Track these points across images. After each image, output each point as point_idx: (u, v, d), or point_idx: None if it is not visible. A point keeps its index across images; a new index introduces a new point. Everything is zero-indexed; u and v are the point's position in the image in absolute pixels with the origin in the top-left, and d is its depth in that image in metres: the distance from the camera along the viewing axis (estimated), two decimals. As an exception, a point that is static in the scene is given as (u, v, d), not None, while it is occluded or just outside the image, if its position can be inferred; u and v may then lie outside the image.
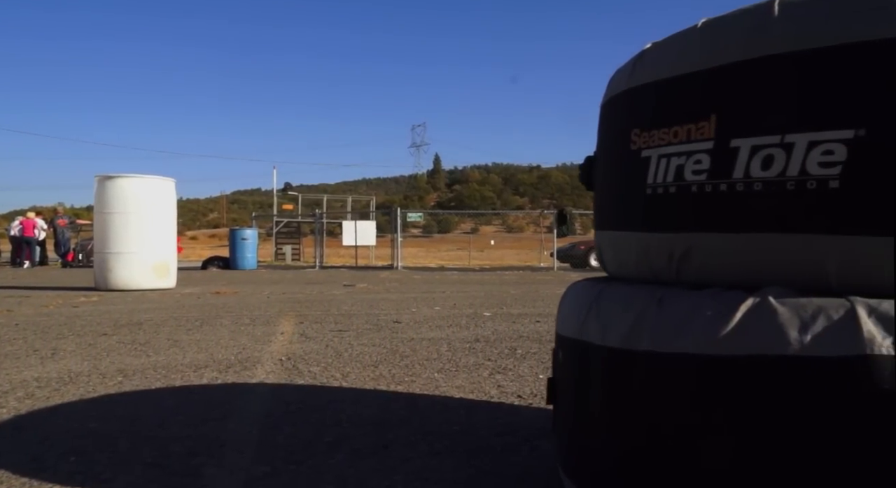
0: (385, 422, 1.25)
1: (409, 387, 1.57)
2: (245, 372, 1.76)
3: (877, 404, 0.53)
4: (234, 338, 2.46)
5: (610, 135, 0.85)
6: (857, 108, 0.59)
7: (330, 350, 2.17)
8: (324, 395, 1.49)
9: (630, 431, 0.68)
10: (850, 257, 0.60)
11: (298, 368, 1.83)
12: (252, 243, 11.56)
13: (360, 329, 2.73)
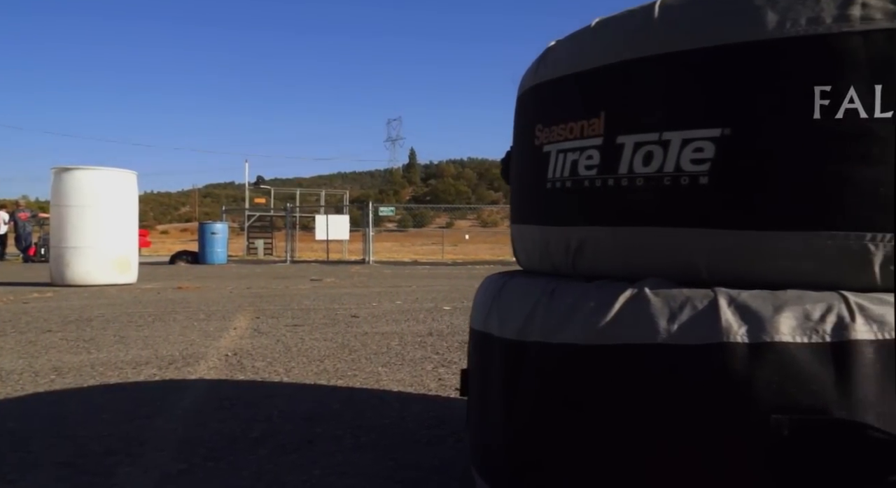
0: (317, 417, 1.25)
1: (349, 382, 1.57)
2: (186, 369, 1.74)
3: (732, 389, 0.55)
4: (184, 333, 2.42)
5: (519, 131, 0.86)
6: (724, 108, 0.61)
7: (280, 345, 2.15)
8: (261, 391, 1.48)
9: (522, 425, 0.70)
10: (719, 250, 0.62)
11: (242, 364, 1.81)
12: (222, 237, 11.36)
13: (316, 324, 2.71)
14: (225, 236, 11.56)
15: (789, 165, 0.59)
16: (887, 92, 0.56)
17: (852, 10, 0.56)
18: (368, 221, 11.15)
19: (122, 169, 5.80)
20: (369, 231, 11.12)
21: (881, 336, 0.54)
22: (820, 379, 0.54)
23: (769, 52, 0.59)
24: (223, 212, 14.77)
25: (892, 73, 0.56)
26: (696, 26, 0.63)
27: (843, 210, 0.57)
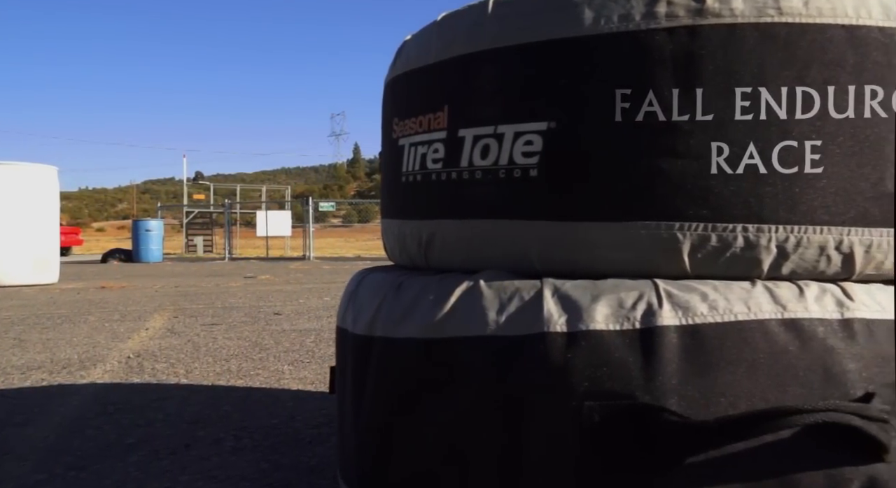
0: (203, 420, 1.21)
1: (250, 382, 1.53)
2: (79, 373, 1.64)
3: (551, 378, 0.57)
4: (90, 335, 2.30)
5: (383, 125, 0.85)
6: (549, 102, 0.62)
7: (189, 345, 2.07)
8: (153, 394, 1.42)
9: (368, 424, 0.69)
10: (548, 241, 0.63)
11: (143, 366, 1.73)
12: (157, 235, 10.87)
13: (235, 322, 2.63)
14: (160, 233, 11.06)
15: (606, 159, 0.60)
16: (690, 89, 0.58)
17: (658, 7, 0.58)
18: (309, 217, 10.94)
19: (40, 164, 5.45)
20: (310, 227, 10.91)
21: (685, 321, 0.56)
22: (629, 365, 0.55)
23: (586, 49, 0.60)
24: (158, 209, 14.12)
25: (696, 70, 0.58)
26: (523, 22, 0.63)
27: (654, 201, 0.59)
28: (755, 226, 0.58)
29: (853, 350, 0.56)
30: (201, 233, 16.24)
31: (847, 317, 0.57)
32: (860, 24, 0.57)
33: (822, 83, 0.57)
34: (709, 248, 0.59)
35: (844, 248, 0.59)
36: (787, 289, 0.59)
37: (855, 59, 0.57)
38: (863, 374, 0.56)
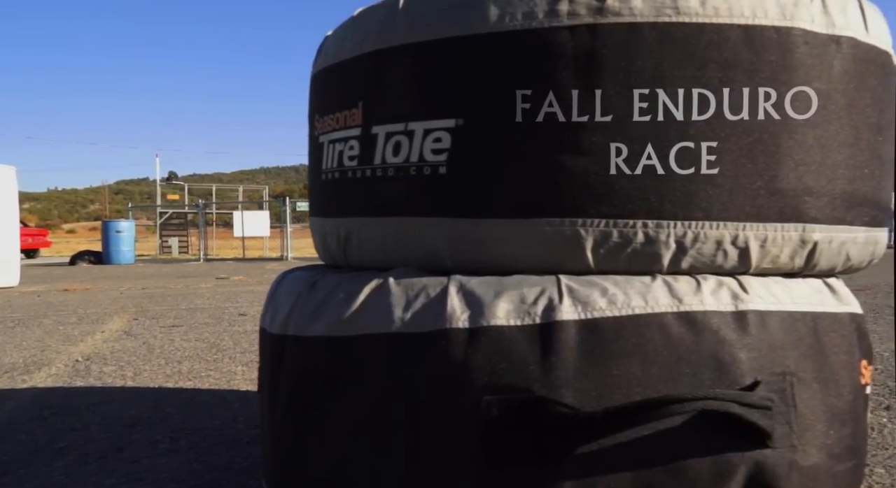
0: (142, 422, 1.18)
1: (199, 383, 1.50)
2: (22, 377, 1.60)
3: (453, 374, 0.57)
4: (42, 339, 2.24)
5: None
6: (457, 99, 0.62)
7: (144, 347, 2.03)
8: (94, 397, 1.38)
9: (281, 425, 0.68)
10: (457, 238, 0.63)
11: (90, 369, 1.69)
12: (128, 236, 10.65)
13: (197, 323, 2.59)
14: (131, 235, 10.85)
15: (509, 158, 0.61)
16: (590, 90, 0.58)
17: (561, 5, 0.59)
18: (286, 217, 10.83)
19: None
20: (287, 227, 10.80)
21: (584, 316, 0.57)
22: (527, 360, 0.56)
23: (491, 46, 0.61)
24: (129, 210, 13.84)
25: (597, 70, 0.58)
26: (431, 17, 0.63)
27: (557, 199, 0.60)
28: (654, 222, 0.59)
29: (745, 340, 0.58)
30: (176, 234, 15.94)
31: (741, 309, 0.59)
32: (756, 24, 0.59)
33: (718, 84, 0.58)
34: (611, 244, 0.60)
35: (740, 243, 0.60)
36: (685, 283, 0.60)
37: (750, 60, 0.59)
38: (754, 364, 0.57)
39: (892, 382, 1.42)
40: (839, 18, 0.61)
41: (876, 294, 3.33)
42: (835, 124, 0.62)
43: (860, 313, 0.68)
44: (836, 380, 0.62)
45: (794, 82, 0.59)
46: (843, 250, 0.65)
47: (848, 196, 0.64)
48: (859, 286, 3.79)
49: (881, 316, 2.50)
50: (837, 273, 0.69)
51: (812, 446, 0.59)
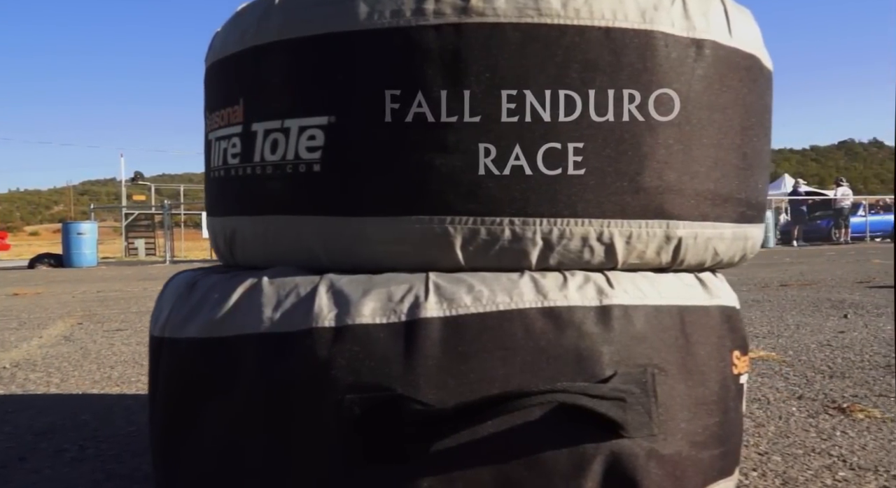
0: (54, 430, 1.15)
1: (126, 389, 1.47)
2: (-60, 386, 1.54)
3: (318, 373, 0.57)
4: (-26, 346, 2.15)
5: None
6: (329, 97, 0.62)
7: (79, 352, 1.98)
8: (11, 405, 1.34)
9: (159, 428, 0.67)
10: (331, 236, 0.63)
11: (14, 376, 1.63)
12: (90, 238, 10.33)
13: (143, 327, 2.53)
14: (94, 236, 10.53)
15: (380, 156, 0.61)
16: (458, 90, 0.59)
17: (427, 4, 0.59)
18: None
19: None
20: (257, 228, 10.60)
21: (449, 313, 0.58)
22: (391, 358, 0.56)
23: (360, 44, 0.61)
24: (91, 211, 13.44)
25: (464, 70, 0.59)
26: (304, 14, 0.63)
27: (427, 197, 0.60)
28: (521, 219, 0.60)
29: (608, 334, 0.59)
30: (143, 236, 15.53)
31: (605, 304, 0.60)
32: (617, 27, 0.60)
33: (583, 86, 0.59)
34: (479, 241, 0.61)
35: (605, 239, 0.62)
36: (552, 279, 0.61)
37: (612, 62, 0.60)
38: (615, 357, 0.59)
39: (810, 372, 1.48)
40: (700, 22, 0.63)
41: (819, 288, 3.45)
42: (697, 125, 0.64)
43: (733, 306, 0.71)
44: (702, 371, 0.64)
45: (656, 84, 0.61)
46: (709, 246, 0.67)
47: (713, 194, 0.66)
48: (810, 281, 3.91)
49: (819, 309, 2.59)
50: (709, 268, 0.71)
51: (674, 435, 0.60)
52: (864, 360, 1.58)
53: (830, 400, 1.23)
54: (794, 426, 1.08)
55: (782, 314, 2.46)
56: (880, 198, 19.73)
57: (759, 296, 3.11)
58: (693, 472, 0.62)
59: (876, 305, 2.64)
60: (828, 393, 1.29)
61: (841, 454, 0.94)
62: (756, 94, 0.70)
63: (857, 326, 2.12)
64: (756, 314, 2.47)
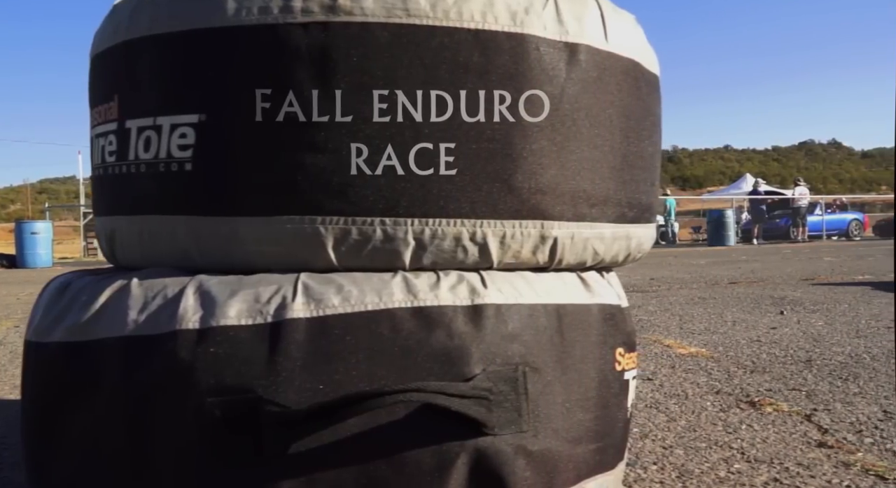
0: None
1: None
2: None
3: (180, 376, 0.56)
4: None
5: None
6: (200, 93, 0.61)
7: (8, 356, 1.90)
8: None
9: (28, 435, 0.65)
10: (204, 237, 0.62)
11: (-70, 382, 1.57)
12: (45, 237, 9.98)
13: (82, 330, 2.45)
14: (49, 236, 10.18)
15: (251, 155, 0.60)
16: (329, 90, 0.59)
17: (294, 1, 0.59)
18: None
19: None
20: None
21: (316, 313, 0.57)
22: (255, 360, 0.55)
23: (229, 40, 0.60)
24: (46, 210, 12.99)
25: (334, 70, 0.59)
26: (174, 8, 0.62)
27: (298, 197, 0.60)
28: (392, 219, 0.60)
29: (478, 333, 0.59)
30: (104, 235, 15.04)
31: (477, 303, 0.61)
32: (487, 29, 0.61)
33: (454, 87, 0.60)
34: (351, 242, 0.60)
35: (479, 239, 0.62)
36: (425, 279, 0.61)
37: (483, 63, 0.60)
38: (485, 355, 0.59)
39: (734, 368, 1.52)
40: (573, 26, 0.64)
41: (765, 286, 3.56)
42: (572, 127, 0.65)
43: (616, 304, 0.72)
44: (579, 369, 0.66)
45: (526, 86, 0.61)
46: (588, 245, 0.68)
47: (590, 195, 0.67)
48: (759, 278, 4.04)
49: (759, 306, 2.67)
50: (593, 267, 0.73)
51: (546, 431, 0.61)
52: (787, 356, 1.64)
53: (745, 395, 1.27)
54: (704, 420, 1.12)
55: (723, 311, 2.53)
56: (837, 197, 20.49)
57: (706, 293, 3.20)
58: (565, 468, 0.63)
59: (814, 302, 2.74)
60: (745, 387, 1.33)
61: (741, 447, 0.97)
62: (637, 97, 0.71)
63: (790, 323, 2.19)
64: (699, 311, 2.54)
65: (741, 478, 0.85)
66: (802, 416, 1.11)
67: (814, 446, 0.96)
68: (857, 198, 22.13)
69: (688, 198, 30.99)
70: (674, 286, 3.67)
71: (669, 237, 14.58)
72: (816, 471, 0.86)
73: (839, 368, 1.47)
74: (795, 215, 13.73)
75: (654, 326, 2.18)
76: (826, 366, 1.50)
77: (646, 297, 3.08)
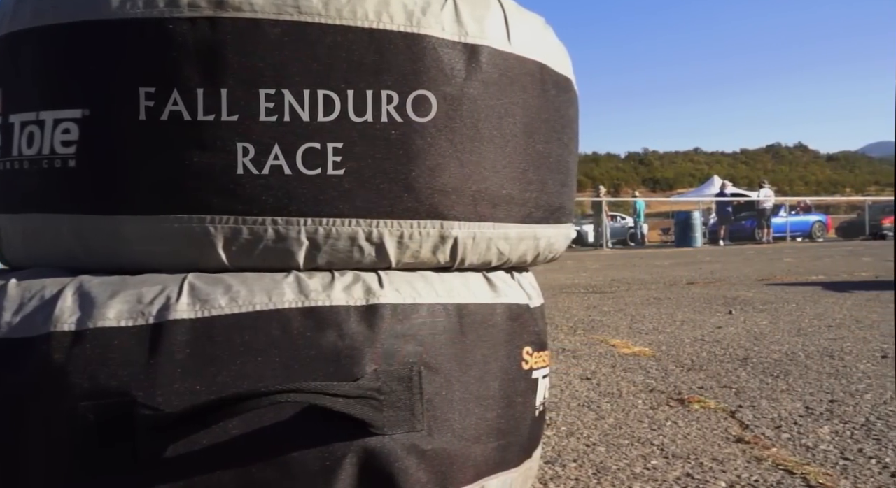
0: None
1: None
2: None
3: (54, 379, 0.54)
4: None
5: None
6: (83, 88, 0.59)
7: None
8: None
9: None
10: (90, 236, 0.61)
11: None
12: None
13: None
14: None
15: (136, 153, 0.58)
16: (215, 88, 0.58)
17: (181, -6, 0.57)
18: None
19: None
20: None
21: (201, 314, 0.56)
22: (134, 362, 0.54)
23: (113, 34, 0.58)
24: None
25: (221, 67, 0.58)
26: (57, 0, 0.60)
27: (186, 196, 0.58)
28: (284, 219, 0.59)
29: (372, 334, 0.59)
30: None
31: (372, 303, 0.60)
32: (382, 29, 0.60)
33: (343, 86, 0.59)
34: (242, 241, 0.59)
35: (375, 239, 0.62)
36: (319, 279, 0.61)
37: (376, 63, 0.60)
38: (379, 356, 0.59)
39: (672, 366, 1.55)
40: (473, 27, 0.64)
41: (721, 286, 3.65)
42: (472, 128, 0.65)
43: (525, 304, 0.73)
44: (482, 367, 0.66)
45: (417, 86, 0.61)
46: (491, 245, 0.69)
47: (492, 195, 0.67)
48: (716, 279, 4.14)
49: (710, 306, 2.73)
50: (502, 267, 0.73)
51: (442, 430, 0.61)
52: (726, 354, 1.68)
53: (677, 393, 1.29)
54: (632, 417, 1.13)
55: (675, 311, 2.58)
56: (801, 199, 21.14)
57: (663, 294, 3.26)
58: (463, 466, 0.63)
59: (764, 301, 2.82)
60: (678, 385, 1.36)
61: (662, 443, 0.99)
62: (544, 99, 0.72)
63: (736, 322, 2.25)
64: (651, 311, 2.59)
65: (655, 474, 0.87)
66: (727, 413, 1.14)
67: (732, 442, 0.99)
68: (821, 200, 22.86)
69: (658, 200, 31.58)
70: (633, 287, 3.74)
71: (638, 238, 14.84)
72: (728, 466, 0.88)
73: (773, 366, 1.51)
74: (760, 217, 14.11)
75: (604, 326, 2.21)
76: (761, 363, 1.55)
77: (603, 298, 3.13)
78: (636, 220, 14.85)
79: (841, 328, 2.03)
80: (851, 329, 2.01)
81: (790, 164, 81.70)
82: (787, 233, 15.44)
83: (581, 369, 1.54)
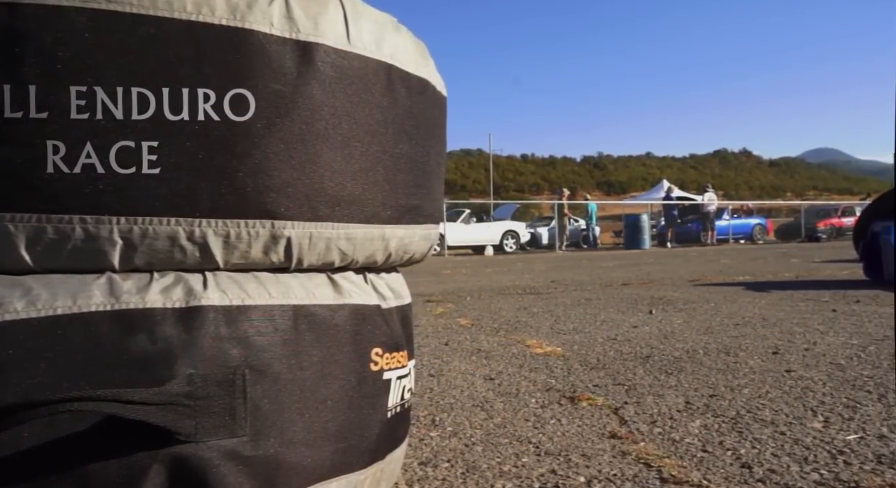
0: None
1: None
2: None
3: None
4: None
5: None
6: None
7: None
8: None
9: None
10: None
11: None
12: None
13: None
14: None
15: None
16: (22, 84, 0.55)
17: (-26, -18, 0.54)
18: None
19: None
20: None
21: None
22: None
23: None
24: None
25: (26, 58, 0.55)
26: None
27: (-18, 191, 0.55)
28: (94, 217, 0.57)
29: (190, 337, 0.57)
30: None
31: (193, 305, 0.58)
32: (201, 22, 0.59)
33: (159, 83, 0.57)
34: (47, 241, 0.56)
35: (198, 239, 0.60)
36: (134, 281, 0.58)
37: (195, 58, 0.58)
38: (198, 360, 0.57)
39: (577, 365, 1.58)
40: (306, 25, 0.64)
41: (651, 287, 3.76)
42: (306, 127, 0.64)
43: (375, 304, 0.72)
44: (320, 369, 0.65)
45: (237, 84, 0.60)
46: (332, 246, 0.68)
47: (331, 195, 0.66)
48: (651, 280, 4.28)
49: (635, 306, 2.81)
50: (345, 268, 0.72)
51: (268, 434, 0.60)
52: (632, 353, 1.73)
53: (571, 391, 1.32)
54: (519, 417, 1.15)
55: (599, 311, 2.65)
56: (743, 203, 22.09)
57: (594, 294, 3.34)
58: (293, 471, 0.62)
59: (686, 301, 2.93)
60: (576, 384, 1.39)
61: (539, 441, 1.01)
62: (392, 100, 0.72)
63: (654, 321, 2.32)
64: (577, 312, 2.65)
65: (521, 471, 0.88)
66: (611, 410, 1.17)
67: (605, 438, 1.01)
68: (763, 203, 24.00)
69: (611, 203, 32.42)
70: (570, 288, 3.81)
71: (591, 241, 15.20)
72: (593, 462, 0.91)
73: (670, 363, 1.57)
74: (704, 220, 14.70)
75: (527, 327, 2.24)
76: (661, 361, 1.60)
77: (537, 299, 3.18)
78: (588, 223, 15.21)
79: (746, 326, 2.12)
80: (755, 327, 2.10)
81: (735, 169, 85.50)
82: (729, 235, 16.13)
83: (488, 370, 1.56)
